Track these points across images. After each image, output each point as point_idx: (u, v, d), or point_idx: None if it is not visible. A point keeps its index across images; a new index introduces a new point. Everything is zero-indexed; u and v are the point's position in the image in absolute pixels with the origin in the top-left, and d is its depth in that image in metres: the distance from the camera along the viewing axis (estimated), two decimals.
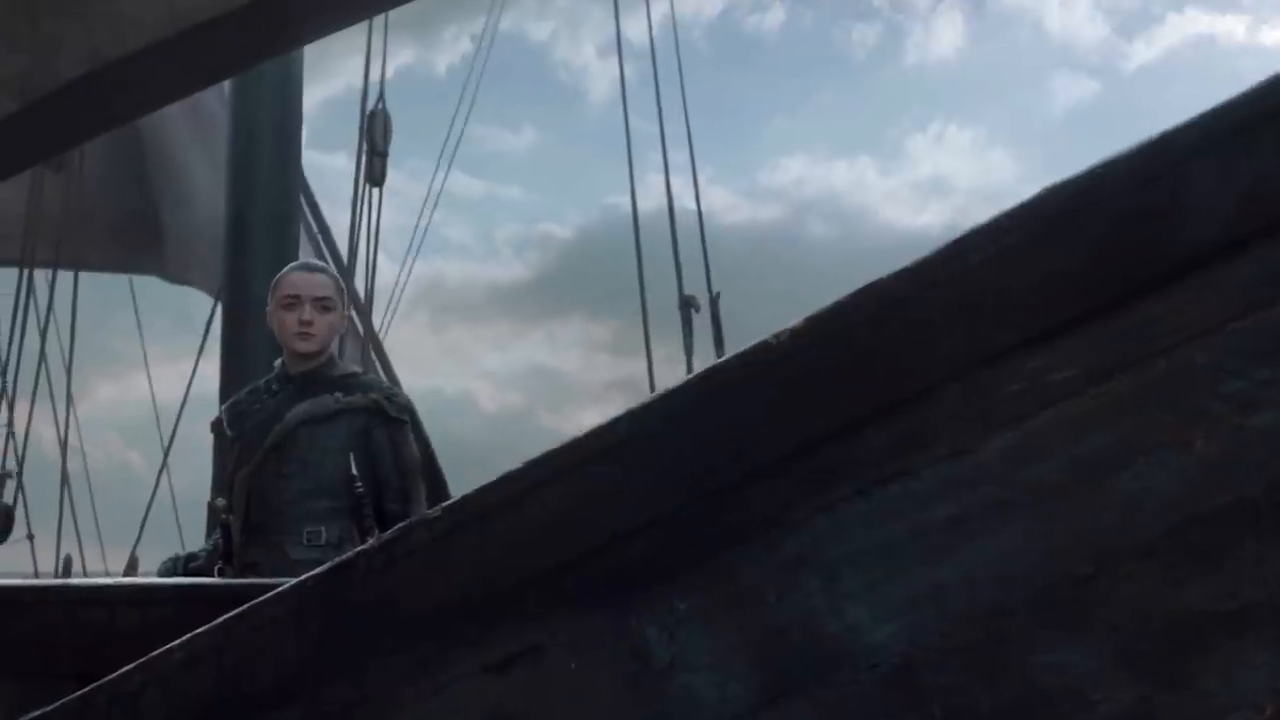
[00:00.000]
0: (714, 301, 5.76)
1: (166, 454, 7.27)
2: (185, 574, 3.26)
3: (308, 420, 3.31)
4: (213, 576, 3.22)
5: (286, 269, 3.57)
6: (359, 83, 6.10)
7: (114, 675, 1.20)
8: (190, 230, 7.58)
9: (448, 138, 7.33)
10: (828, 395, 0.98)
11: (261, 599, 1.18)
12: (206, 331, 6.45)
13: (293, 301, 3.38)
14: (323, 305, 3.38)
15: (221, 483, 3.47)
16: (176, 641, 1.19)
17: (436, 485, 3.68)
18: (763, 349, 1.00)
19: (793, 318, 1.02)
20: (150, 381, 9.05)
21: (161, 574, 3.27)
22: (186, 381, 6.79)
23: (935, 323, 0.95)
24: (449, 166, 7.36)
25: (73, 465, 8.27)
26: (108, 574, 8.00)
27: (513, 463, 1.06)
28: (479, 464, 3.79)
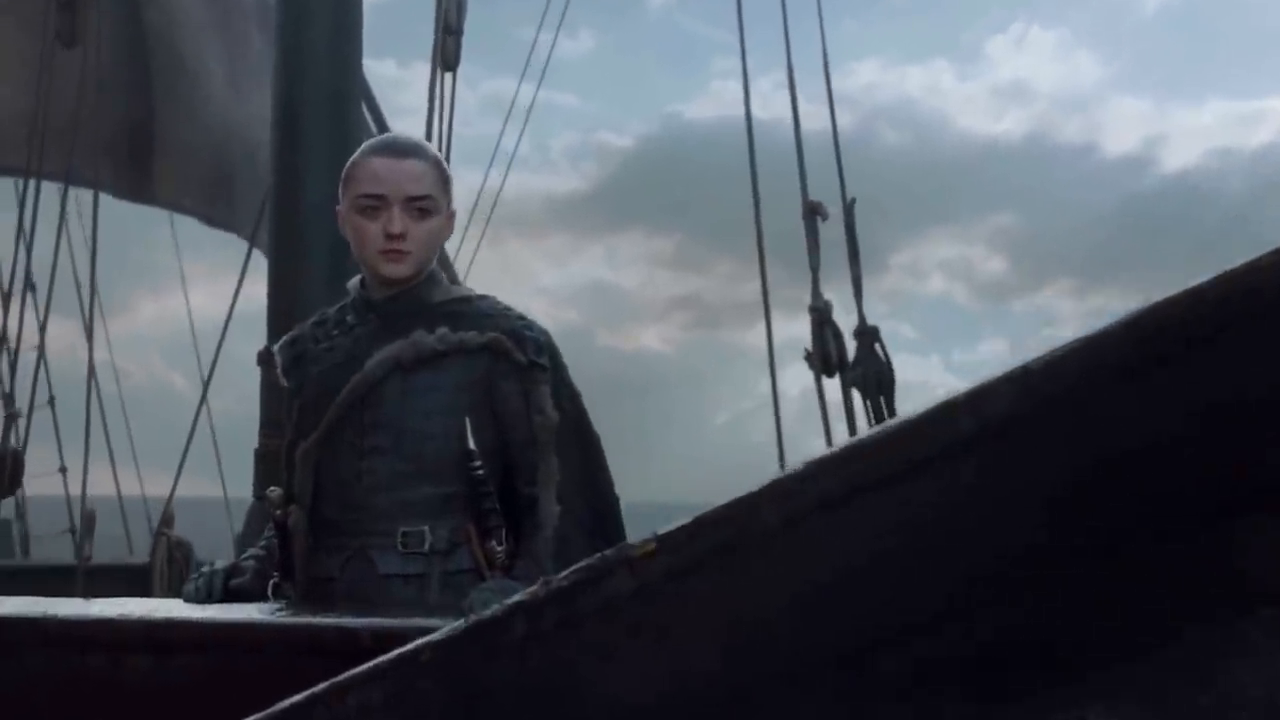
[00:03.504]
0: (848, 209, 6.44)
1: (206, 386, 8.14)
2: (224, 598, 3.18)
3: (400, 367, 3.19)
4: (265, 601, 3.15)
5: (364, 149, 3.40)
6: None
7: None
8: (193, 146, 8.60)
9: (532, 49, 8.48)
10: None
11: (344, 679, 1.08)
12: (249, 253, 7.15)
13: (375, 203, 3.23)
14: (419, 208, 3.23)
15: (272, 433, 3.41)
16: None
17: (590, 460, 3.53)
18: None
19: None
20: (187, 300, 11.39)
21: (191, 598, 3.18)
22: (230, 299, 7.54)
23: None
24: (539, 82, 8.64)
25: (110, 389, 10.14)
26: (145, 503, 10.31)
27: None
28: None
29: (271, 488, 3.26)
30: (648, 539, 0.98)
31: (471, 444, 3.18)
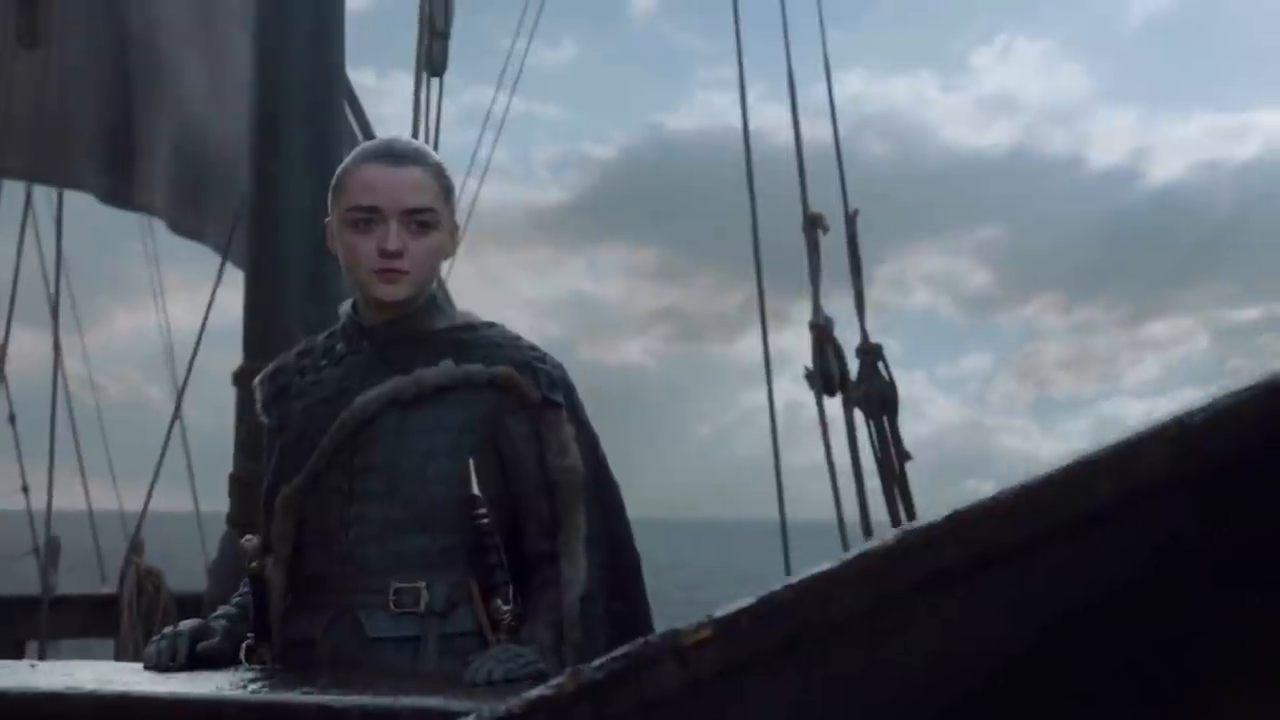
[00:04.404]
0: (850, 220, 6.76)
1: (179, 401, 8.39)
2: (190, 663, 3.07)
3: (396, 402, 3.11)
4: (237, 665, 3.03)
5: (357, 154, 3.30)
6: None
7: None
8: (170, 150, 8.87)
9: (509, 57, 8.87)
10: None
11: None
12: (223, 264, 7.33)
13: (369, 216, 3.13)
14: (419, 222, 3.14)
15: (247, 458, 3.33)
16: None
17: (609, 511, 3.43)
18: None
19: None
20: (161, 312, 11.97)
21: (152, 662, 3.06)
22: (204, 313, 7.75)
23: None
24: (511, 89, 9.00)
25: (88, 401, 10.82)
26: (122, 515, 10.73)
27: None
28: None
29: (247, 536, 3.17)
30: (700, 623, 0.86)
31: (476, 489, 3.10)
